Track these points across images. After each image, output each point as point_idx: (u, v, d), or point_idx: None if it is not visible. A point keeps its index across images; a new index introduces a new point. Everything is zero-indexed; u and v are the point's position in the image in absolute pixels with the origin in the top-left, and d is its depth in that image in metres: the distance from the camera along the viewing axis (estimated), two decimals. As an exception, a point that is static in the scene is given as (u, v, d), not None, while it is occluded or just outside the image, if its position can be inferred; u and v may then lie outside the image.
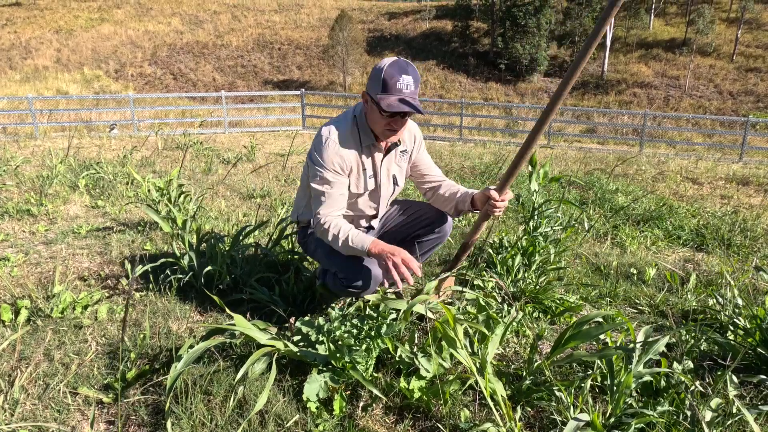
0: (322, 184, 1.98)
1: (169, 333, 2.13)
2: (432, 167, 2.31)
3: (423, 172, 2.29)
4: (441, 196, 2.25)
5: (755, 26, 40.79)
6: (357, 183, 2.08)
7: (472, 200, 2.12)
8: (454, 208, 2.21)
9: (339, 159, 1.97)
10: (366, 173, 2.08)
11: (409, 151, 2.21)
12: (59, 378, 1.80)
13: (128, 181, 5.02)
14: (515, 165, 1.94)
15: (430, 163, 2.31)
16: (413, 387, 1.67)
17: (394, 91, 1.86)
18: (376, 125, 1.97)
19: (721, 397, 1.63)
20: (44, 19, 42.85)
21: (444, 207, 2.27)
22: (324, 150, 1.96)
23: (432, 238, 2.34)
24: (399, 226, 2.37)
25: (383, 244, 1.89)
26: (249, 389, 1.70)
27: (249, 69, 38.93)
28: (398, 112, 1.87)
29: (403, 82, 1.86)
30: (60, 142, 9.32)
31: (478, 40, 42.98)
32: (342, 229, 1.94)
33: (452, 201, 2.21)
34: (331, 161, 1.95)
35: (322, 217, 1.98)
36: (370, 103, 1.95)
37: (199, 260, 2.53)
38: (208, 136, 11.78)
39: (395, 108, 1.85)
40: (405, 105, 1.85)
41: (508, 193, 2.05)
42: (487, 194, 2.03)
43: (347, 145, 2.00)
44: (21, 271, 2.73)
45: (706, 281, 3.06)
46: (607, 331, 1.62)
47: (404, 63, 1.90)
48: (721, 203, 6.20)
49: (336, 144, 1.97)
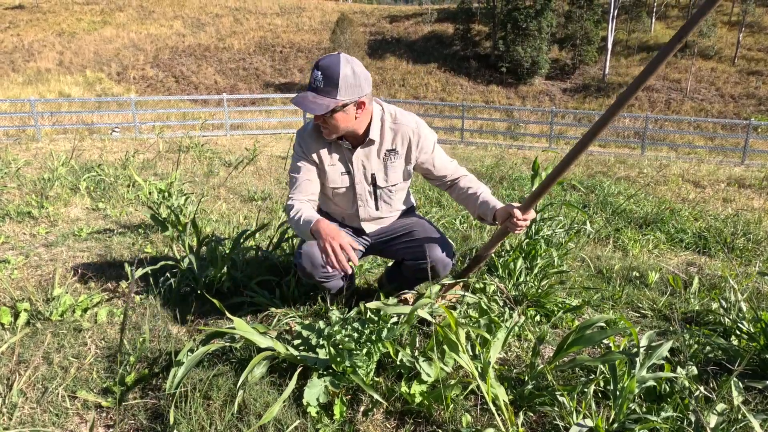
0: (292, 171, 2.07)
1: (169, 336, 2.11)
2: (445, 167, 2.18)
3: (435, 174, 2.19)
4: (461, 195, 2.16)
5: (757, 29, 40.78)
6: (328, 176, 2.07)
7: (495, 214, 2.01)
8: (477, 214, 2.10)
9: (305, 147, 2.03)
10: (336, 168, 2.07)
11: (401, 153, 2.10)
12: (58, 381, 1.79)
13: (129, 183, 5.02)
14: (546, 185, 1.82)
15: (443, 163, 2.17)
16: (414, 391, 1.65)
17: (309, 86, 1.85)
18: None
19: (725, 403, 1.62)
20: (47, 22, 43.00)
21: (465, 207, 2.20)
22: (296, 138, 2.07)
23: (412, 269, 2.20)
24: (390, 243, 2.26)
25: (326, 224, 1.78)
26: (249, 393, 1.69)
27: (251, 72, 39.00)
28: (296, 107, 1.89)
29: (312, 77, 1.83)
30: (62, 144, 9.34)
31: (480, 43, 43.02)
32: (296, 208, 1.96)
33: (473, 205, 2.10)
34: (300, 148, 2.04)
35: (288, 200, 2.04)
36: None
37: (199, 263, 2.52)
38: (210, 139, 11.79)
39: (292, 102, 1.87)
40: (297, 100, 1.85)
41: (531, 212, 1.93)
42: (509, 211, 1.92)
43: (314, 136, 2.04)
44: (21, 273, 2.72)
45: (710, 285, 3.05)
46: (610, 335, 1.60)
47: (327, 57, 1.83)
48: (723, 206, 6.18)
49: (304, 134, 2.05)
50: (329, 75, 1.80)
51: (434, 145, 2.15)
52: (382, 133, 2.06)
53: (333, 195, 2.13)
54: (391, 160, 2.11)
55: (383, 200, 2.19)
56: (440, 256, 2.13)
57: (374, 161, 2.09)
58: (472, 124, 20.07)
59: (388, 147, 2.09)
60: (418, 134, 2.09)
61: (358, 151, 2.05)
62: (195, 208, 3.41)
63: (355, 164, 2.07)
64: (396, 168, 2.12)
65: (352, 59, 1.86)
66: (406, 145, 2.10)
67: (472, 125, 19.98)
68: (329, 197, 2.17)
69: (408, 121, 2.08)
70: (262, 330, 1.86)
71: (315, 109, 1.81)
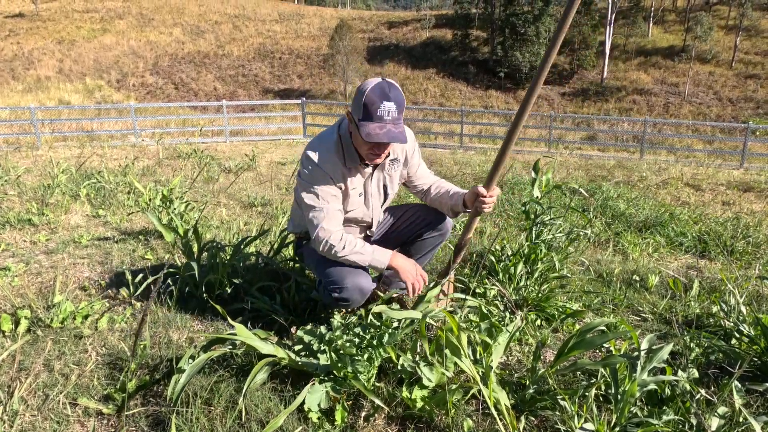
0: (317, 200, 1.98)
1: (170, 343, 2.11)
2: (424, 172, 2.32)
3: (415, 178, 2.30)
4: (434, 196, 2.28)
5: (754, 33, 40.97)
6: (350, 201, 2.08)
7: (464, 200, 2.14)
8: (450, 209, 2.23)
9: (332, 175, 1.99)
10: (355, 191, 2.08)
11: (401, 159, 2.20)
12: (59, 389, 1.78)
13: (129, 190, 5.02)
14: (498, 161, 1.99)
15: (422, 167, 2.32)
16: (415, 396, 1.65)
17: (374, 118, 1.81)
18: (360, 147, 1.96)
19: (727, 406, 1.62)
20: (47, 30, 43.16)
21: (440, 207, 2.29)
22: (312, 172, 1.98)
23: (434, 236, 2.34)
24: (399, 230, 2.37)
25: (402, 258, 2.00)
26: (250, 400, 1.69)
27: (250, 78, 39.12)
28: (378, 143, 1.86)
29: (384, 109, 1.80)
30: (62, 152, 9.35)
31: (478, 49, 43.19)
32: (346, 239, 1.96)
33: (446, 200, 2.22)
34: (323, 176, 1.97)
35: (326, 234, 1.96)
36: (353, 125, 1.93)
37: (200, 269, 2.52)
38: (209, 145, 11.81)
39: (374, 139, 1.80)
40: (385, 136, 1.80)
41: (496, 189, 2.06)
42: (475, 191, 2.05)
43: (333, 165, 1.99)
44: (22, 280, 2.72)
45: (710, 288, 3.05)
46: (610, 339, 1.61)
47: (387, 86, 1.82)
48: (722, 209, 6.19)
49: (325, 161, 1.98)
50: (400, 103, 1.83)
51: (417, 148, 2.28)
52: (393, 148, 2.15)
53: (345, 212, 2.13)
54: (395, 168, 2.18)
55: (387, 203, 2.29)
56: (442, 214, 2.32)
57: (383, 174, 2.16)
58: (471, 129, 20.10)
59: (392, 157, 2.15)
60: (412, 140, 2.18)
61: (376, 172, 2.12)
62: (197, 215, 3.42)
63: (373, 182, 2.13)
64: (396, 175, 2.21)
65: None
66: (404, 153, 2.20)
67: (471, 130, 20.02)
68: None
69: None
70: (263, 336, 1.86)
71: (404, 139, 1.82)
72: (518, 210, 4.95)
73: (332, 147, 2.00)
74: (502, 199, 5.50)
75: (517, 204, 5.25)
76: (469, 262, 3.21)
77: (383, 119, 1.81)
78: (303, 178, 2.00)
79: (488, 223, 4.44)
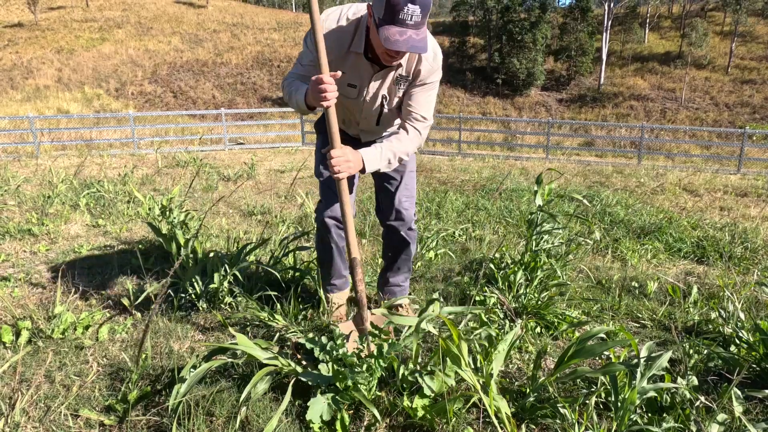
0: (302, 58, 1.99)
1: (171, 353, 2.12)
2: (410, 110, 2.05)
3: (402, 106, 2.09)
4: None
5: (749, 39, 41.26)
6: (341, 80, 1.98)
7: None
8: None
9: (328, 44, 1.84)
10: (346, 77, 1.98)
11: (411, 80, 2.01)
12: (60, 400, 1.78)
13: (129, 199, 5.03)
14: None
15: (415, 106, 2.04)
16: (416, 405, 1.66)
17: (396, 20, 1.67)
18: (376, 47, 1.84)
19: (726, 413, 1.62)
20: (46, 39, 43.31)
21: None
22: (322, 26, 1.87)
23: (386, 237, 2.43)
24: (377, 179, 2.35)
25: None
26: (252, 410, 1.69)
27: (248, 86, 39.24)
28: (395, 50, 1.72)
29: (407, 12, 1.65)
30: (61, 161, 9.36)
31: (476, 56, 43.41)
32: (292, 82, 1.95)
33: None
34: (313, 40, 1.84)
35: (286, 77, 2.00)
36: (372, 20, 1.79)
37: (201, 279, 2.53)
38: (208, 153, 11.83)
39: (392, 46, 1.67)
40: (404, 44, 1.67)
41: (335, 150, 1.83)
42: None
43: (337, 35, 1.91)
44: (22, 291, 2.73)
45: (708, 294, 3.06)
46: (610, 347, 1.62)
47: None
48: (720, 215, 6.21)
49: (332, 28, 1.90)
50: (425, 5, 1.68)
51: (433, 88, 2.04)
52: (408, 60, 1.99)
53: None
54: (401, 85, 2.04)
55: (385, 118, 2.17)
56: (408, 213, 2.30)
57: (388, 84, 2.03)
58: (469, 136, 20.18)
59: (402, 73, 2.01)
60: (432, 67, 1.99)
61: (379, 74, 1.98)
62: (197, 224, 3.43)
63: (371, 85, 2.02)
64: (399, 93, 2.08)
65: None
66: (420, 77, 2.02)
67: (469, 137, 20.08)
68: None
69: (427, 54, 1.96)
70: (264, 346, 1.87)
71: (423, 48, 1.70)
72: (518, 217, 4.97)
73: (348, 21, 1.92)
74: (501, 206, 5.52)
75: (516, 211, 5.27)
76: (469, 271, 3.22)
77: (405, 23, 1.67)
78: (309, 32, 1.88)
79: (488, 230, 4.45)
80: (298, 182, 6.81)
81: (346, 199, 1.87)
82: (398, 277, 2.54)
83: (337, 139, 1.84)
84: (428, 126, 2.09)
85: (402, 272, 2.53)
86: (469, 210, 5.30)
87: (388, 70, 1.99)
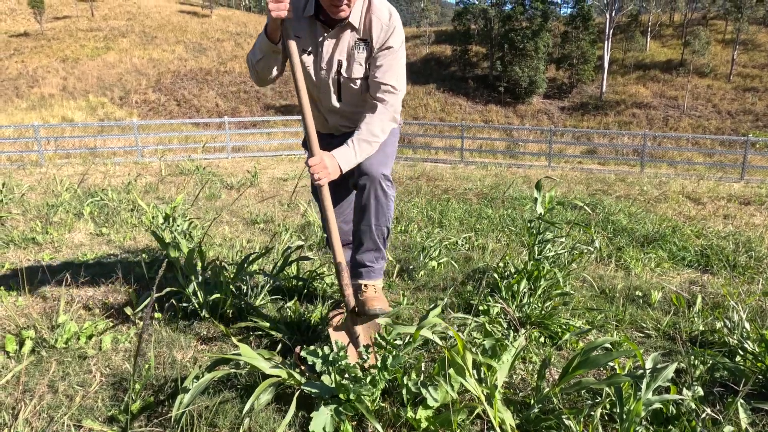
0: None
1: (174, 363, 2.11)
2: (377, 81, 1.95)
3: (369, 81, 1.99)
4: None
5: (751, 47, 41.32)
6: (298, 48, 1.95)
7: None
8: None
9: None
10: (301, 42, 1.96)
11: (370, 43, 1.94)
12: (63, 410, 1.78)
13: (133, 208, 5.05)
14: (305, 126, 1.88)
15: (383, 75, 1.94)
16: (420, 416, 1.65)
17: None
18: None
19: (733, 425, 1.61)
20: (51, 49, 43.68)
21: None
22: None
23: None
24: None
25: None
26: (255, 421, 1.68)
27: (251, 94, 39.45)
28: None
29: None
30: (65, 169, 9.41)
31: (478, 64, 43.58)
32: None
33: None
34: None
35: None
36: None
37: (204, 288, 2.53)
38: (212, 162, 11.88)
39: None
40: None
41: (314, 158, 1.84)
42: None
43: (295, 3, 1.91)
44: (26, 300, 2.73)
45: (713, 304, 3.04)
46: (615, 357, 1.61)
47: None
48: (724, 223, 6.19)
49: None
50: None
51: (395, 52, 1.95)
52: (360, 20, 1.93)
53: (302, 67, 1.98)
54: (359, 49, 1.96)
55: (347, 93, 2.05)
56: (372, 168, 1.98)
57: (343, 48, 1.96)
58: (471, 144, 20.21)
59: (359, 36, 1.95)
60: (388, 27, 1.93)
61: (330, 33, 1.94)
62: (201, 233, 3.43)
63: (324, 48, 1.96)
64: (360, 60, 1.98)
65: None
66: (377, 38, 1.95)
67: (471, 145, 20.12)
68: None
69: (382, 12, 1.94)
70: (267, 356, 1.86)
71: None
72: (520, 225, 4.96)
73: None
74: (504, 214, 5.51)
75: (519, 220, 5.27)
76: (472, 280, 3.21)
77: None
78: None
79: (491, 239, 4.45)
80: (300, 190, 6.82)
81: (329, 204, 1.88)
82: (363, 255, 2.15)
83: (314, 145, 1.87)
84: (398, 96, 1.98)
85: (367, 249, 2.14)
86: (472, 218, 5.29)
87: (340, 30, 1.94)
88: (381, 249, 2.15)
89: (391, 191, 2.06)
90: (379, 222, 2.07)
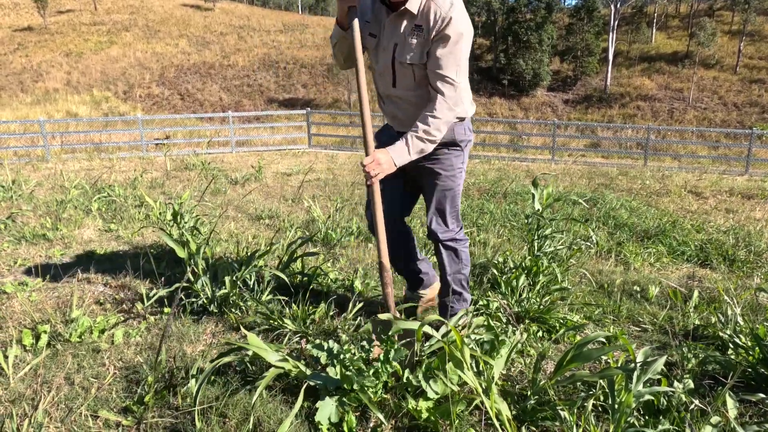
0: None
1: (184, 356, 2.20)
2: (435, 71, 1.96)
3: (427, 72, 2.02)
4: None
5: (758, 38, 40.99)
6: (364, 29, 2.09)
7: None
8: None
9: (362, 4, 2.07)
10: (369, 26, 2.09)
11: (425, 30, 1.95)
12: (80, 402, 1.87)
13: (140, 203, 5.13)
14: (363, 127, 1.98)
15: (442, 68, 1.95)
16: (421, 407, 1.73)
17: None
18: None
19: (720, 416, 1.68)
20: (55, 43, 43.77)
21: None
22: None
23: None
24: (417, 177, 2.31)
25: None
26: (263, 411, 1.76)
27: (255, 88, 39.48)
28: None
29: None
30: (71, 164, 9.51)
31: (481, 57, 43.41)
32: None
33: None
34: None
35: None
36: None
37: (211, 284, 2.61)
38: (216, 156, 11.95)
39: None
40: None
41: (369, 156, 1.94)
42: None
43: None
44: (39, 295, 2.82)
45: (709, 298, 3.10)
46: (606, 352, 1.68)
47: None
48: (725, 218, 6.23)
49: None
50: None
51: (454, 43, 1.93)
52: (420, 6, 1.96)
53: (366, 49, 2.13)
54: (413, 35, 1.99)
55: (401, 78, 2.08)
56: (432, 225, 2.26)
57: (399, 32, 2.02)
58: (475, 137, 20.20)
59: (417, 22, 1.97)
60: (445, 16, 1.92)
61: (392, 16, 2.02)
62: (208, 229, 3.51)
63: (385, 31, 2.06)
64: (414, 46, 1.99)
65: None
66: (432, 26, 1.95)
67: (475, 138, 20.11)
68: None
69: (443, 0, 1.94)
70: (274, 349, 1.94)
71: None
72: (521, 221, 5.02)
73: None
74: (506, 209, 5.57)
75: (521, 214, 5.32)
76: (472, 275, 3.28)
77: None
78: None
79: (492, 234, 4.51)
80: (304, 185, 6.90)
81: (378, 202, 1.99)
82: (446, 298, 2.41)
83: (369, 145, 1.97)
84: (457, 89, 1.97)
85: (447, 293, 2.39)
86: (474, 213, 5.35)
87: (400, 15, 2.00)
88: (461, 293, 2.40)
89: (456, 244, 2.29)
90: (452, 270, 2.32)
